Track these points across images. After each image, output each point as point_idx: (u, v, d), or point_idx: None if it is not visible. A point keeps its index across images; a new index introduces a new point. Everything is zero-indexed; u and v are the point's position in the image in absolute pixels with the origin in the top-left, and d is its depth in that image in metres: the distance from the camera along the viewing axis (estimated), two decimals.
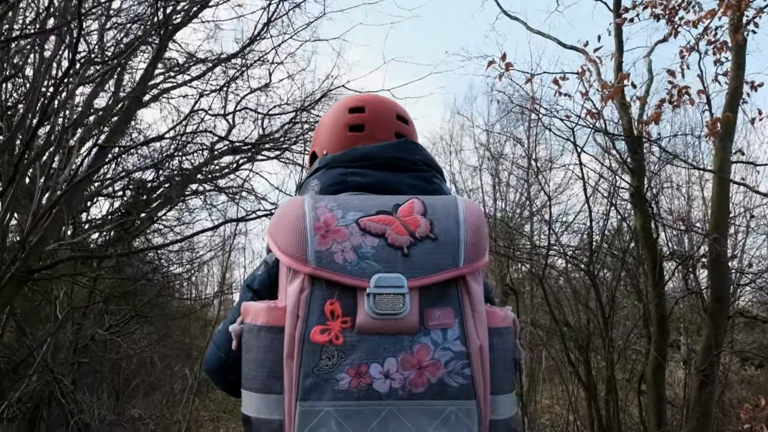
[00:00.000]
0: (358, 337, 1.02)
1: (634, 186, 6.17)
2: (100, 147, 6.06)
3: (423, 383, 1.01)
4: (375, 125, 1.43)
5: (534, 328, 7.79)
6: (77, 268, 8.05)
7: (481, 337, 1.06)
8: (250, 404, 1.10)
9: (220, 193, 12.01)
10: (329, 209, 1.12)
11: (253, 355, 1.10)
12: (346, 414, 1.00)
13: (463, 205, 1.17)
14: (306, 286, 1.06)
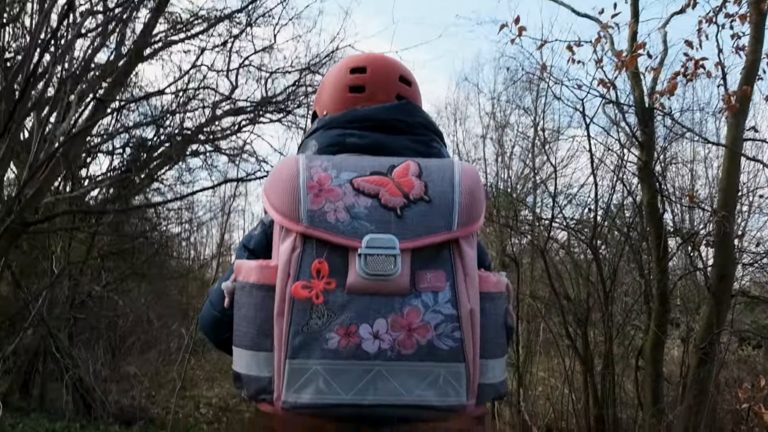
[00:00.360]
0: (349, 297, 1.02)
1: (642, 160, 6.05)
2: (99, 101, 5.93)
3: (412, 345, 1.01)
4: (376, 86, 1.40)
5: (533, 300, 7.73)
6: (75, 223, 7.99)
7: (473, 300, 1.06)
8: (241, 361, 1.10)
9: (220, 154, 11.94)
10: (323, 168, 1.12)
11: (244, 313, 1.09)
12: (334, 372, 1.00)
13: (459, 167, 1.15)
14: (298, 245, 1.05)
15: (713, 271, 5.54)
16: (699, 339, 5.58)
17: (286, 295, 1.03)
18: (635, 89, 6.14)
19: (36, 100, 5.60)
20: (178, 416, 8.17)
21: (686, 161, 8.09)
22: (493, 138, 11.18)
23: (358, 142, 1.28)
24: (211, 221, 14.08)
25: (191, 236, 15.59)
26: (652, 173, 6.09)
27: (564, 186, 8.93)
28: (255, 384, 1.08)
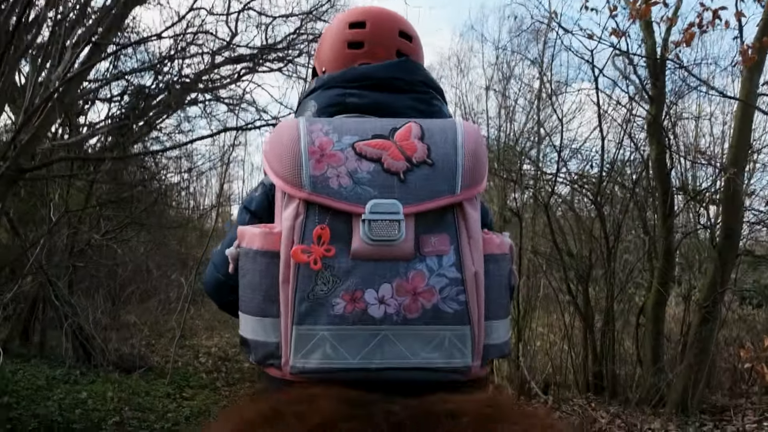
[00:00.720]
0: (353, 262, 1.01)
1: (652, 114, 5.91)
2: (95, 44, 5.76)
3: (417, 309, 1.00)
4: (375, 42, 1.37)
5: (534, 256, 7.67)
6: (73, 170, 7.89)
7: (477, 263, 1.05)
8: (247, 326, 1.10)
9: (220, 103, 11.76)
10: (324, 132, 1.09)
11: (249, 279, 1.09)
12: (340, 338, 1.00)
13: (461, 128, 1.13)
14: (301, 212, 1.04)
15: (720, 229, 5.47)
16: (702, 298, 5.55)
17: (290, 261, 1.02)
18: (647, 40, 5.96)
19: (28, 43, 5.45)
20: (178, 365, 8.20)
21: (693, 116, 7.88)
22: (497, 90, 10.97)
23: (358, 102, 1.27)
24: (211, 171, 13.95)
25: (190, 186, 15.52)
26: (662, 128, 5.96)
27: (569, 140, 8.75)
28: (262, 349, 1.07)
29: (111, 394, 6.22)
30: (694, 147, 6.63)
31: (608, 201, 7.07)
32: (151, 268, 12.68)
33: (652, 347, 6.03)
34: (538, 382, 6.84)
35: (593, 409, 5.75)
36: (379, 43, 1.36)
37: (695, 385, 5.42)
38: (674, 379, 5.55)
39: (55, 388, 6.24)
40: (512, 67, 10.69)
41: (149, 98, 9.88)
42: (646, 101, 6.28)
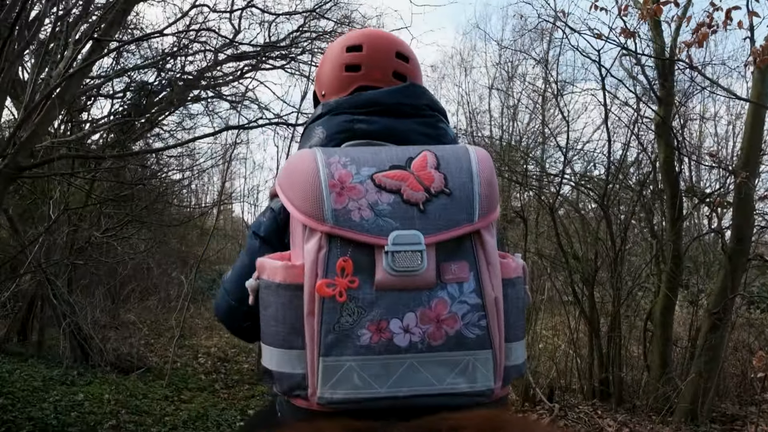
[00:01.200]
0: (378, 293, 1.03)
1: (660, 115, 5.79)
2: (96, 40, 5.64)
3: (441, 336, 1.03)
4: (372, 64, 1.40)
5: (540, 259, 7.56)
6: (73, 168, 7.79)
7: (496, 289, 1.08)
8: (272, 359, 1.11)
9: (222, 100, 11.67)
10: (343, 165, 1.10)
11: (272, 312, 1.10)
12: (368, 368, 1.01)
13: (475, 156, 1.15)
14: (324, 245, 1.05)
15: (731, 233, 5.35)
16: (712, 304, 5.43)
17: (315, 294, 1.03)
18: (656, 40, 5.85)
19: (29, 38, 5.34)
20: (177, 366, 8.10)
21: (700, 117, 7.74)
22: (501, 89, 10.86)
23: (367, 128, 1.29)
24: (213, 168, 13.86)
25: (192, 183, 15.44)
26: (671, 130, 5.85)
27: (574, 141, 8.62)
28: (288, 381, 1.08)
29: (108, 396, 6.12)
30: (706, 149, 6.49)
31: (615, 203, 6.95)
32: (152, 266, 12.59)
33: (660, 353, 5.92)
34: (542, 386, 6.73)
35: (600, 416, 5.64)
36: (375, 65, 1.40)
37: (705, 394, 5.31)
38: (683, 386, 5.43)
39: (51, 389, 6.15)
40: (516, 66, 10.57)
41: (152, 95, 9.79)
42: (653, 102, 6.16)
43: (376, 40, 1.43)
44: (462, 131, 10.91)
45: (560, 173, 6.97)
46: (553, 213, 6.61)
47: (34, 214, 8.22)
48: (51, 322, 7.98)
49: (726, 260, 5.36)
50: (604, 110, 6.36)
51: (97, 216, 9.24)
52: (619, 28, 4.98)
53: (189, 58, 9.32)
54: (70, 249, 8.44)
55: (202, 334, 10.71)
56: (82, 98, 9.78)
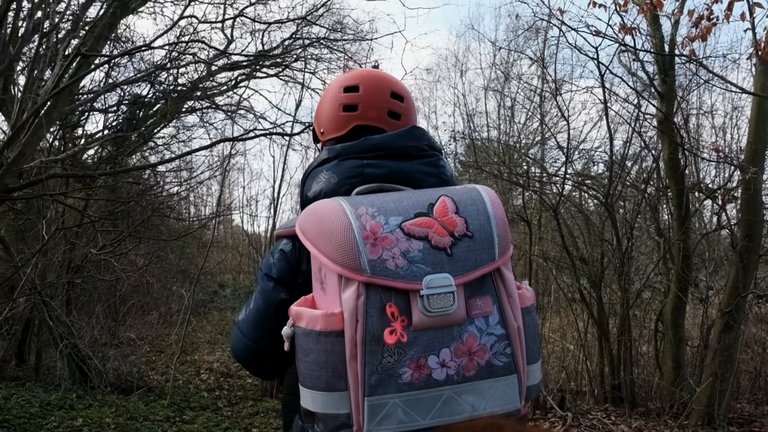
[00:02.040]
0: (415, 333, 1.12)
1: (663, 111, 5.64)
2: (83, 56, 5.52)
3: (474, 367, 1.13)
4: (368, 104, 1.48)
5: (546, 262, 7.40)
6: (67, 187, 7.65)
7: (517, 318, 1.19)
8: (314, 401, 1.18)
9: (217, 110, 11.54)
10: (371, 216, 1.18)
11: (314, 357, 1.16)
12: (411, 403, 1.10)
13: (488, 198, 1.25)
14: (362, 292, 1.13)
15: (740, 230, 5.20)
16: (724, 303, 5.28)
17: (357, 339, 1.11)
18: (655, 35, 5.70)
19: (12, 56, 5.21)
20: (179, 383, 7.95)
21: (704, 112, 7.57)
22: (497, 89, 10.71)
23: (377, 172, 1.37)
24: (210, 180, 13.72)
25: (189, 195, 15.31)
26: (674, 125, 5.70)
27: (574, 139, 8.46)
28: (333, 421, 1.15)
29: (108, 420, 5.97)
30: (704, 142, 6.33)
31: (619, 202, 6.79)
32: (152, 281, 12.45)
33: (673, 355, 5.76)
34: (552, 390, 6.58)
35: (614, 423, 5.48)
36: (371, 105, 1.48)
37: (721, 395, 5.15)
38: (698, 388, 5.28)
39: (49, 414, 6.00)
40: (512, 66, 10.42)
41: (146, 108, 9.66)
42: (654, 98, 6.02)
43: (372, 81, 1.52)
44: (460, 133, 10.79)
45: (563, 173, 6.80)
46: (556, 214, 6.46)
47: (26, 235, 8.08)
48: (48, 344, 7.83)
49: (736, 257, 5.21)
50: (604, 108, 6.21)
51: (94, 233, 9.12)
52: (618, 24, 4.83)
53: (181, 70, 9.22)
54: (67, 268, 8.31)
55: (204, 349, 10.56)
56: (75, 113, 9.69)
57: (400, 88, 1.54)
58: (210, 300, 16.12)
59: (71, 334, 7.28)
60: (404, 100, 1.53)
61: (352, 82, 1.52)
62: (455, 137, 11.02)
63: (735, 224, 5.50)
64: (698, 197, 6.42)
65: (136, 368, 7.85)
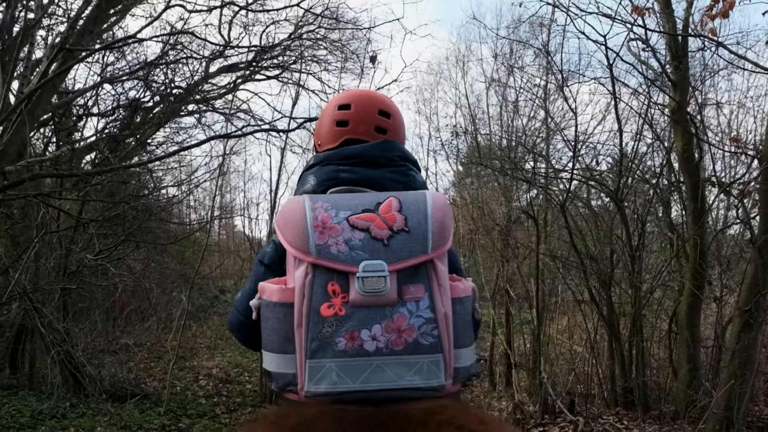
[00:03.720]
0: (351, 309, 1.29)
1: (676, 100, 5.39)
2: (68, 50, 5.29)
3: (402, 343, 1.27)
4: (358, 121, 1.69)
5: (553, 260, 7.14)
6: (62, 186, 7.43)
7: (446, 305, 1.33)
8: (270, 361, 1.38)
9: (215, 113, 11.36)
10: (325, 209, 1.38)
11: (270, 324, 1.38)
12: (343, 368, 1.26)
13: (431, 200, 1.41)
14: (309, 272, 1.32)
15: (759, 225, 4.94)
16: (743, 301, 5.01)
17: (303, 311, 1.30)
18: (668, 19, 5.44)
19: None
20: (176, 389, 7.71)
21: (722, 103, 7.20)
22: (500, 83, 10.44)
23: (350, 176, 1.59)
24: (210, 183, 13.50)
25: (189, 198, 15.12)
26: (688, 116, 5.44)
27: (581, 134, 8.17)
28: (282, 379, 1.35)
29: (100, 429, 5.75)
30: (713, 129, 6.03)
31: (630, 197, 6.52)
32: (152, 285, 12.22)
33: (688, 356, 5.50)
34: (561, 394, 6.33)
35: (627, 428, 5.22)
36: (361, 121, 1.70)
37: (740, 397, 4.89)
38: (715, 390, 5.02)
39: (40, 424, 5.78)
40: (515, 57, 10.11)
41: (144, 112, 9.45)
42: (666, 87, 5.76)
43: (362, 100, 1.74)
44: (462, 128, 10.54)
45: (570, 168, 6.54)
46: (564, 211, 6.21)
47: (20, 239, 7.85)
48: (42, 351, 7.60)
49: (755, 253, 4.95)
50: (613, 99, 5.96)
51: (90, 238, 8.90)
52: (629, 6, 4.57)
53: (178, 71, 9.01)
54: (63, 273, 8.08)
55: (203, 355, 10.32)
56: (71, 119, 9.49)
57: (387, 106, 1.75)
58: (211, 305, 15.89)
59: (64, 340, 7.06)
60: (391, 117, 1.73)
61: (346, 101, 1.74)
62: (457, 132, 10.75)
63: (754, 217, 5.24)
64: (712, 191, 6.12)
65: (132, 375, 7.62)
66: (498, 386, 7.95)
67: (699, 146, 5.55)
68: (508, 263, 8.04)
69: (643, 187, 6.72)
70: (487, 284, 8.49)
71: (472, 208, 9.69)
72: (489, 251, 9.15)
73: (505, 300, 7.93)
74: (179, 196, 11.91)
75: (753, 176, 5.36)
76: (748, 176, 5.46)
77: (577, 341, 7.38)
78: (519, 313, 8.24)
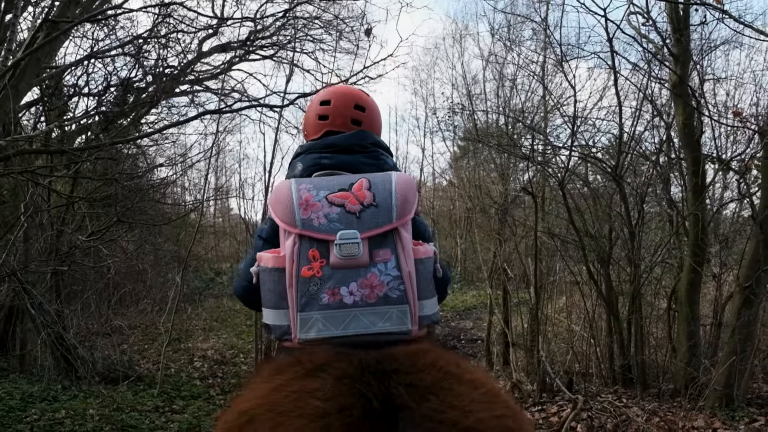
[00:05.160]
0: (332, 271, 1.59)
1: (678, 74, 5.27)
2: (52, 22, 5.13)
3: (374, 297, 1.57)
4: (336, 115, 2.00)
5: (551, 238, 7.05)
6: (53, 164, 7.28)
7: (410, 265, 1.62)
8: (269, 316, 1.69)
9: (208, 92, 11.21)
10: (307, 190, 1.68)
11: (267, 286, 1.68)
12: (327, 318, 1.56)
13: (395, 179, 1.71)
14: (296, 241, 1.62)
15: (761, 200, 4.85)
16: (743, 277, 4.93)
17: (292, 273, 1.60)
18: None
19: None
20: (170, 371, 7.64)
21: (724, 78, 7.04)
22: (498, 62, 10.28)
23: (329, 162, 1.89)
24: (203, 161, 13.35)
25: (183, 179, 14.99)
26: (689, 89, 5.32)
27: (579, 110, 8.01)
28: (279, 330, 1.65)
29: (92, 412, 5.66)
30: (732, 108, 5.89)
31: (630, 173, 6.40)
32: (145, 267, 12.12)
33: (688, 333, 5.43)
34: (558, 372, 6.26)
35: (626, 405, 5.16)
36: (338, 115, 2.00)
37: (740, 374, 4.82)
38: (713, 367, 4.95)
39: (30, 407, 5.68)
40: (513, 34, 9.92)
41: (136, 92, 9.29)
42: (668, 60, 5.64)
43: (340, 96, 2.05)
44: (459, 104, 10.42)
45: (569, 145, 6.42)
46: (563, 188, 6.11)
47: (9, 219, 7.71)
48: (32, 333, 7.49)
49: (757, 229, 4.86)
50: (612, 74, 5.84)
51: (81, 219, 8.77)
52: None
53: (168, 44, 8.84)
54: (55, 254, 7.96)
55: (198, 336, 10.25)
56: (62, 98, 9.32)
57: (363, 100, 2.06)
58: (206, 287, 15.82)
59: (55, 322, 6.96)
60: (366, 110, 2.04)
61: (326, 97, 2.05)
62: (455, 110, 10.61)
63: (755, 193, 5.14)
64: (712, 168, 6.00)
65: (126, 357, 7.53)
66: (495, 365, 7.89)
67: (700, 120, 5.44)
68: (506, 242, 7.95)
69: (643, 165, 6.61)
70: (484, 264, 8.41)
71: (468, 187, 9.59)
72: (486, 231, 9.06)
73: (503, 279, 7.85)
74: (172, 176, 11.75)
75: (754, 151, 5.26)
76: (751, 151, 5.35)
77: (575, 320, 7.31)
78: (517, 293, 8.16)
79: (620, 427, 4.66)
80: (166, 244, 13.81)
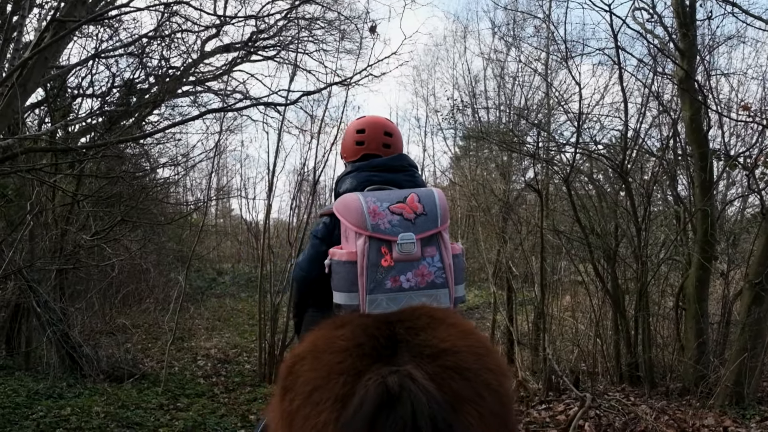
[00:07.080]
0: (395, 263, 2.11)
1: (684, 69, 5.24)
2: (60, 21, 5.12)
3: (424, 282, 2.12)
4: (370, 140, 2.60)
5: (557, 235, 7.01)
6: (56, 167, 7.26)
7: (450, 258, 2.18)
8: (341, 298, 2.17)
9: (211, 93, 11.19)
10: (373, 201, 2.17)
11: (341, 275, 2.17)
12: (390, 299, 2.09)
13: (437, 195, 2.26)
14: (366, 241, 2.12)
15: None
16: (753, 273, 4.90)
17: (364, 265, 2.11)
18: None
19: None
20: (174, 370, 7.62)
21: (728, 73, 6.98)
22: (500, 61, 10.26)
23: (378, 179, 2.46)
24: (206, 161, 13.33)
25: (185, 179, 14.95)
26: (696, 84, 5.30)
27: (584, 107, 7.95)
28: (349, 309, 2.13)
29: (98, 409, 5.65)
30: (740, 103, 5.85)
31: (636, 170, 6.37)
32: (149, 267, 12.09)
33: (696, 331, 5.40)
34: (564, 371, 6.23)
35: (634, 404, 5.13)
36: (373, 140, 2.59)
37: (750, 372, 4.79)
38: (723, 365, 4.92)
39: (36, 404, 5.67)
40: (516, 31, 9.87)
41: (140, 93, 9.27)
42: (674, 56, 5.61)
43: (372, 125, 2.62)
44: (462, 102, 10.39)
45: (574, 142, 6.38)
46: (568, 185, 6.08)
47: (15, 218, 7.70)
48: (38, 331, 7.48)
49: (766, 225, 4.84)
50: (618, 70, 5.81)
51: (86, 218, 8.76)
52: None
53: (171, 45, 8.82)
54: (60, 253, 7.95)
55: (201, 335, 10.24)
56: (66, 98, 9.30)
57: (390, 128, 2.65)
58: (208, 287, 15.82)
59: (60, 320, 6.94)
60: (393, 135, 2.64)
61: (361, 126, 2.61)
62: (457, 107, 10.58)
63: (764, 188, 5.12)
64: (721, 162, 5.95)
65: (130, 355, 7.51)
66: None
67: (707, 116, 5.41)
68: (511, 241, 7.92)
69: (648, 161, 6.58)
70: (488, 263, 8.38)
71: (472, 185, 9.55)
72: (489, 230, 9.02)
73: (507, 277, 7.82)
74: (175, 176, 11.73)
75: (764, 146, 5.23)
76: (759, 146, 5.32)
77: (581, 319, 7.27)
78: (522, 291, 8.13)
79: (629, 425, 4.63)
80: (169, 243, 13.79)
